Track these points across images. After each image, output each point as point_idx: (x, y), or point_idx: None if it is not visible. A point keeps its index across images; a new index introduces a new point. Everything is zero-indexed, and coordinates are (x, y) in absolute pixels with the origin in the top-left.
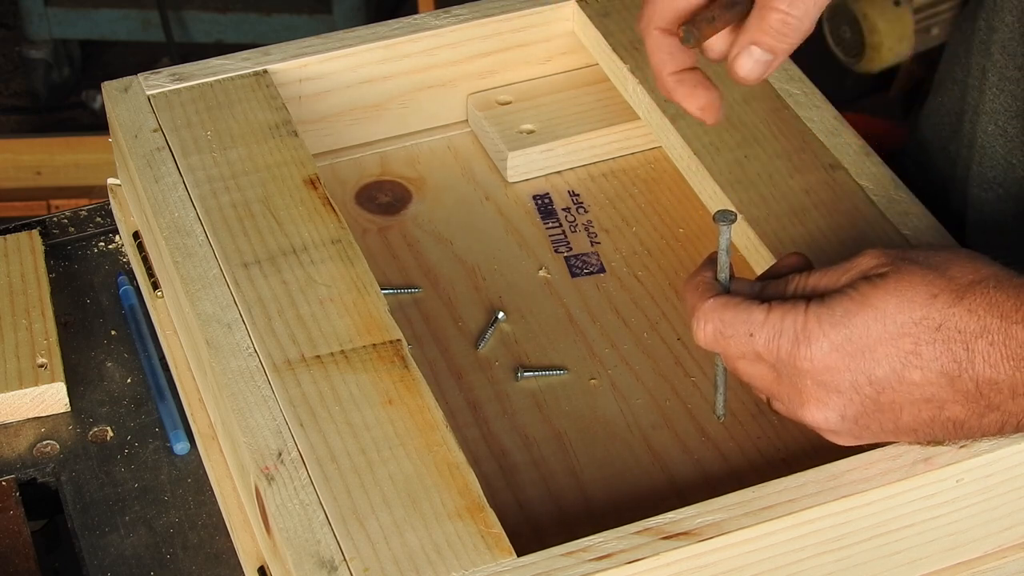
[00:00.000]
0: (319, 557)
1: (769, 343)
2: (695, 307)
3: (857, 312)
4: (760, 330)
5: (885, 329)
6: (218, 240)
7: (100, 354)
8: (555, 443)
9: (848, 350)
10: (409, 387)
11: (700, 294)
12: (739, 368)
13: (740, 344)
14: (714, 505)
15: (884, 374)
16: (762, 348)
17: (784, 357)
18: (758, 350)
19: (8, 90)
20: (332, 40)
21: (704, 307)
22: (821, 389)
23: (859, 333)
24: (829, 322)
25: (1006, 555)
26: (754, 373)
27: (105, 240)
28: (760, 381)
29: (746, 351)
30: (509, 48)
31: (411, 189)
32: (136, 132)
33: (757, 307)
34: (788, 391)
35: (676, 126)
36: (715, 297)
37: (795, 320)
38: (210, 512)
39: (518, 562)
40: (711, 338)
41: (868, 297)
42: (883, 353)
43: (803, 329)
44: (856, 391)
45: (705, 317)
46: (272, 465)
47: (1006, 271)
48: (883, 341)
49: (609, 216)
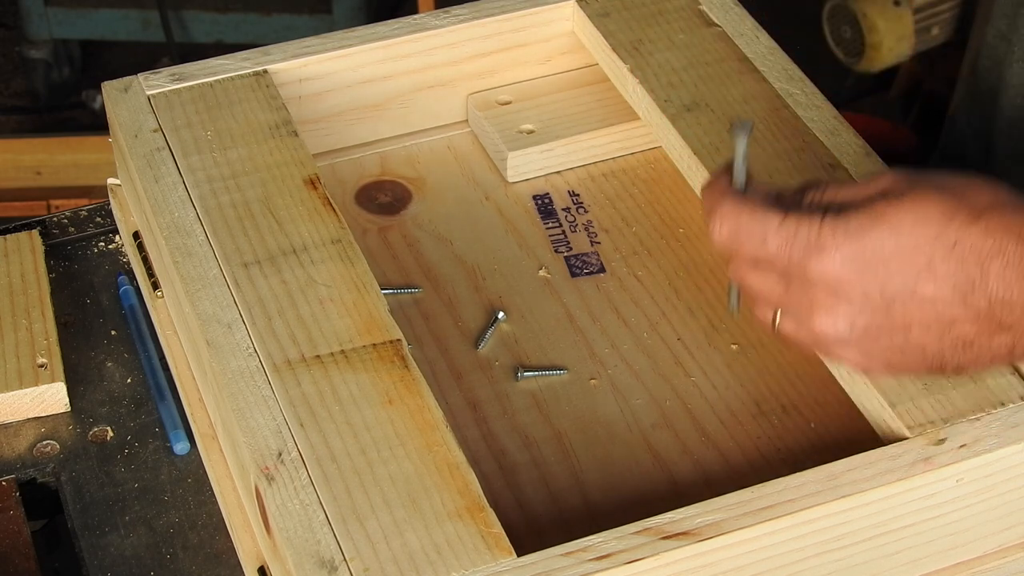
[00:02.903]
0: (319, 557)
1: (781, 249)
2: (712, 208)
3: (872, 227)
4: (774, 236)
5: (899, 244)
6: (218, 240)
7: (100, 354)
8: (555, 443)
9: (861, 263)
10: (409, 387)
11: (718, 196)
12: (748, 280)
13: (753, 247)
14: (714, 505)
15: (896, 288)
16: (774, 254)
17: (795, 266)
18: (770, 256)
19: (8, 90)
20: (332, 40)
21: (722, 208)
22: (831, 298)
23: (873, 247)
24: (844, 234)
25: (1006, 555)
26: (763, 284)
27: (105, 240)
28: (769, 292)
29: (759, 256)
30: (509, 48)
31: (411, 189)
32: (136, 132)
33: (773, 213)
34: (797, 301)
35: (676, 126)
36: (734, 199)
37: (810, 229)
38: (210, 512)
39: (518, 562)
40: (726, 239)
41: (884, 214)
42: (896, 267)
43: (817, 239)
44: (867, 302)
45: (722, 218)
46: (272, 465)
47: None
48: (897, 255)
49: (609, 216)
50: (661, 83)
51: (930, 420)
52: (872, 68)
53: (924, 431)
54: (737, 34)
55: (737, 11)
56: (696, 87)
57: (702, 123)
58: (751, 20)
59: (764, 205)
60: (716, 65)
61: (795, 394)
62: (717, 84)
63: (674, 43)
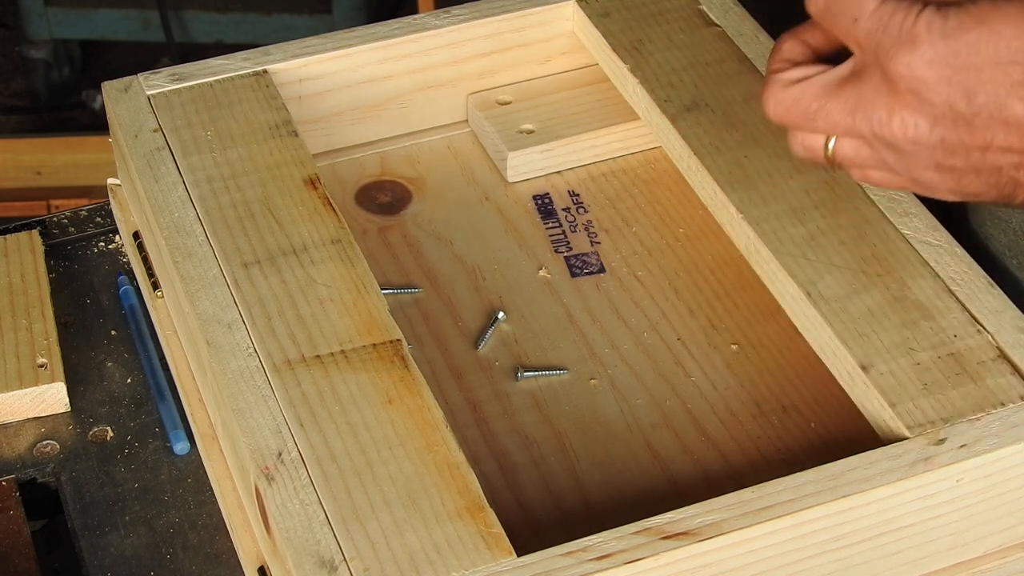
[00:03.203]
0: (319, 557)
1: (871, 34)
2: None
3: (971, 28)
4: (866, 18)
5: (996, 51)
6: (218, 240)
7: (100, 354)
8: (555, 443)
9: (952, 64)
10: (409, 387)
11: None
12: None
13: (843, 25)
14: (714, 505)
15: (985, 99)
16: (863, 37)
17: (882, 54)
18: (859, 38)
19: (8, 90)
20: (332, 40)
21: None
22: (913, 97)
23: (968, 50)
24: (940, 31)
25: (1006, 555)
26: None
27: (105, 240)
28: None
29: (848, 33)
30: (509, 48)
31: (411, 189)
32: (136, 132)
33: None
34: (875, 91)
35: (676, 126)
36: None
37: (904, 18)
38: (210, 512)
39: (518, 562)
40: (821, 9)
41: (987, 15)
42: (989, 76)
43: (910, 31)
44: (950, 108)
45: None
46: (272, 465)
47: None
48: (992, 63)
49: (609, 216)
50: (661, 83)
51: (930, 420)
52: None
53: (924, 431)
54: (737, 34)
55: (737, 11)
56: (696, 87)
57: (702, 123)
58: (751, 20)
59: None
60: (716, 65)
61: (795, 394)
62: (717, 84)
63: (674, 43)
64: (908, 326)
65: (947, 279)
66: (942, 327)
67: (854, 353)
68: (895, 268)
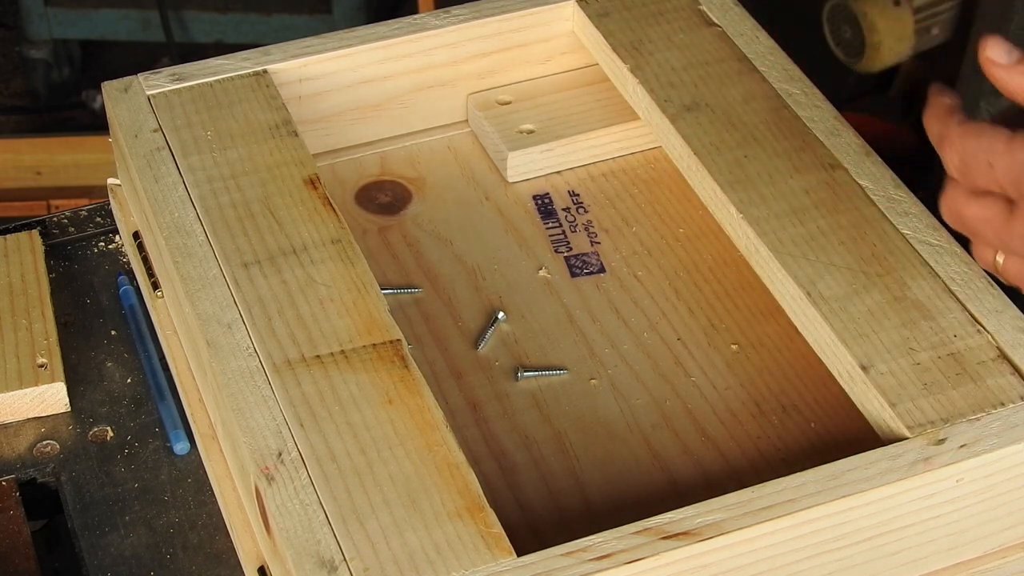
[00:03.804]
0: (319, 557)
1: (1009, 172)
2: (943, 136)
3: None
4: (1000, 158)
5: None
6: (218, 240)
7: (100, 354)
8: (555, 443)
9: None
10: (409, 387)
11: (944, 121)
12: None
13: (983, 174)
14: (714, 505)
15: None
16: (1003, 178)
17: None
18: (1000, 182)
19: (8, 90)
20: (332, 40)
21: (951, 135)
22: None
23: None
24: None
25: (1006, 555)
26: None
27: (105, 240)
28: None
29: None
30: (509, 48)
31: (411, 189)
32: (136, 132)
33: (1000, 132)
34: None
35: (676, 126)
36: (960, 123)
37: None
38: (210, 512)
39: (518, 562)
40: (959, 167)
41: None
42: None
43: None
44: None
45: (951, 147)
46: (272, 465)
47: None
48: None
49: (609, 216)
50: (661, 83)
51: (930, 420)
52: (872, 68)
53: (924, 431)
54: (737, 34)
55: (737, 11)
56: (696, 87)
57: (702, 123)
58: (751, 20)
59: (991, 126)
60: (716, 65)
61: (795, 394)
62: (717, 84)
63: (674, 43)
64: (908, 326)
65: (947, 279)
66: (942, 327)
67: (854, 353)
68: (895, 268)
